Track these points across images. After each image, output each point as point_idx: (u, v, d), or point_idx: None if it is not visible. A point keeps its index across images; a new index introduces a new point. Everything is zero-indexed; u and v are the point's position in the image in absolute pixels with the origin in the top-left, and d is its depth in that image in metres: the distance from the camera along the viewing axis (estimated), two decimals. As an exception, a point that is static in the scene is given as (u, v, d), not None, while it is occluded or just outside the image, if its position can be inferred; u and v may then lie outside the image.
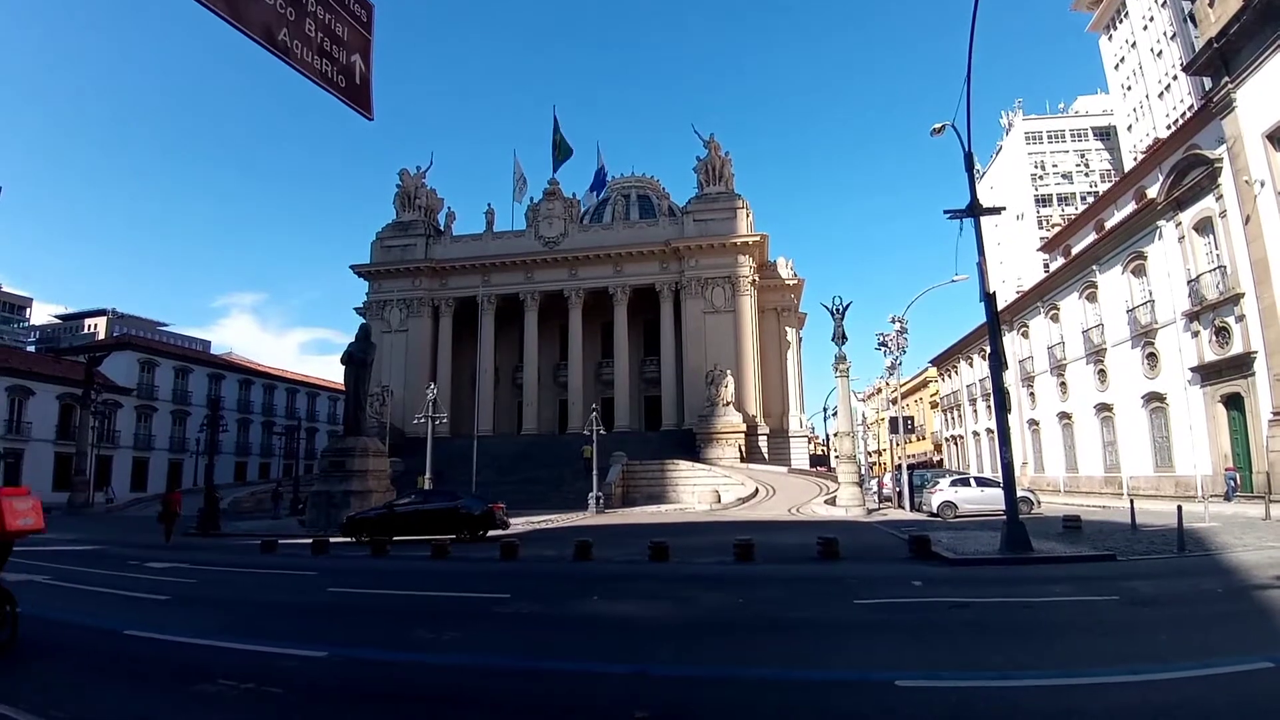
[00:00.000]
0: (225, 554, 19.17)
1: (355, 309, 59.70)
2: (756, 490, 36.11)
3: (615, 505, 35.96)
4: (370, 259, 56.62)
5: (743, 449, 45.85)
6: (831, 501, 30.48)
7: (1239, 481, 25.69)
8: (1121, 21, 78.47)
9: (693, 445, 46.13)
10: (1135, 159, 48.28)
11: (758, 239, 51.81)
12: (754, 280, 51.93)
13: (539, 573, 14.02)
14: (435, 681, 6.34)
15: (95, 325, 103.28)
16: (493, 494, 35.99)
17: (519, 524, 26.76)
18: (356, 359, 28.62)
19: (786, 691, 5.70)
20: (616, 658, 6.95)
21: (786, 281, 56.65)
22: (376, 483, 28.02)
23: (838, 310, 29.15)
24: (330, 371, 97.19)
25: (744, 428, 46.50)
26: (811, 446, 67.17)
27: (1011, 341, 44.22)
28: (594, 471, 33.51)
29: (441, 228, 58.07)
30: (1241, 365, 25.23)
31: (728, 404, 46.51)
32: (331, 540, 20.31)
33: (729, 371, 47.39)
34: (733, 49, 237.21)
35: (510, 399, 56.95)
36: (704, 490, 35.61)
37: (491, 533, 21.58)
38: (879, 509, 30.11)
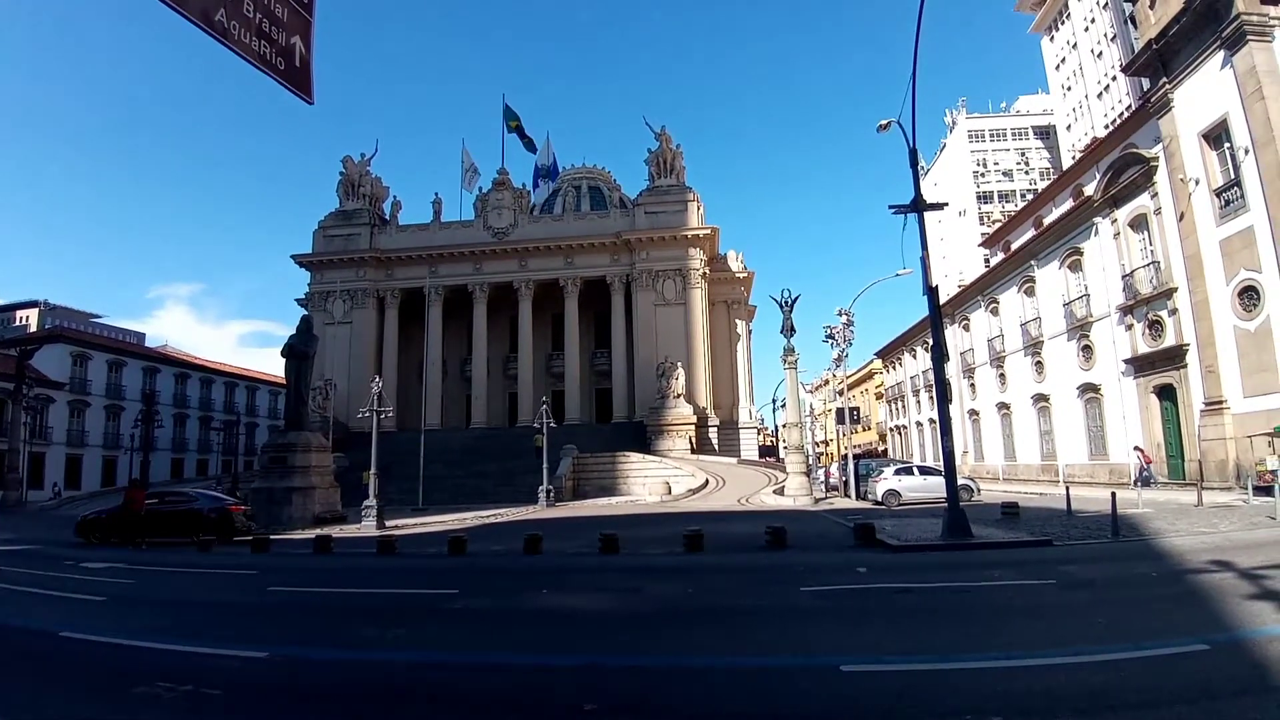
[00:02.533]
0: (163, 554, 18.49)
1: (297, 300, 58.18)
2: (707, 481, 36.40)
3: (566, 498, 35.85)
4: (312, 248, 55.05)
5: (693, 440, 46.16)
6: (780, 491, 30.89)
7: (1151, 468, 26.97)
8: (1063, 23, 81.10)
9: (644, 437, 46.24)
10: (1074, 158, 49.97)
11: (708, 232, 52.07)
12: (705, 273, 52.21)
13: (488, 567, 13.88)
14: (381, 679, 6.21)
15: (26, 318, 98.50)
16: (440, 488, 35.73)
17: (468, 518, 26.49)
18: (298, 351, 27.87)
19: (735, 679, 5.76)
20: (567, 650, 6.93)
21: (737, 274, 57.11)
22: (320, 478, 27.39)
23: (786, 303, 29.48)
24: (271, 365, 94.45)
25: (694, 419, 46.80)
26: (761, 437, 68.07)
27: (953, 334, 45.46)
28: (544, 464, 33.32)
29: (387, 217, 56.81)
30: (1174, 357, 26.36)
31: (678, 396, 46.74)
32: (274, 538, 19.78)
33: (680, 364, 47.59)
34: (684, 42, 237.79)
35: (459, 392, 56.20)
36: (655, 482, 35.73)
37: (239, 538, 19.93)
38: (826, 498, 30.63)
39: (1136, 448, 28.34)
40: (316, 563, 15.85)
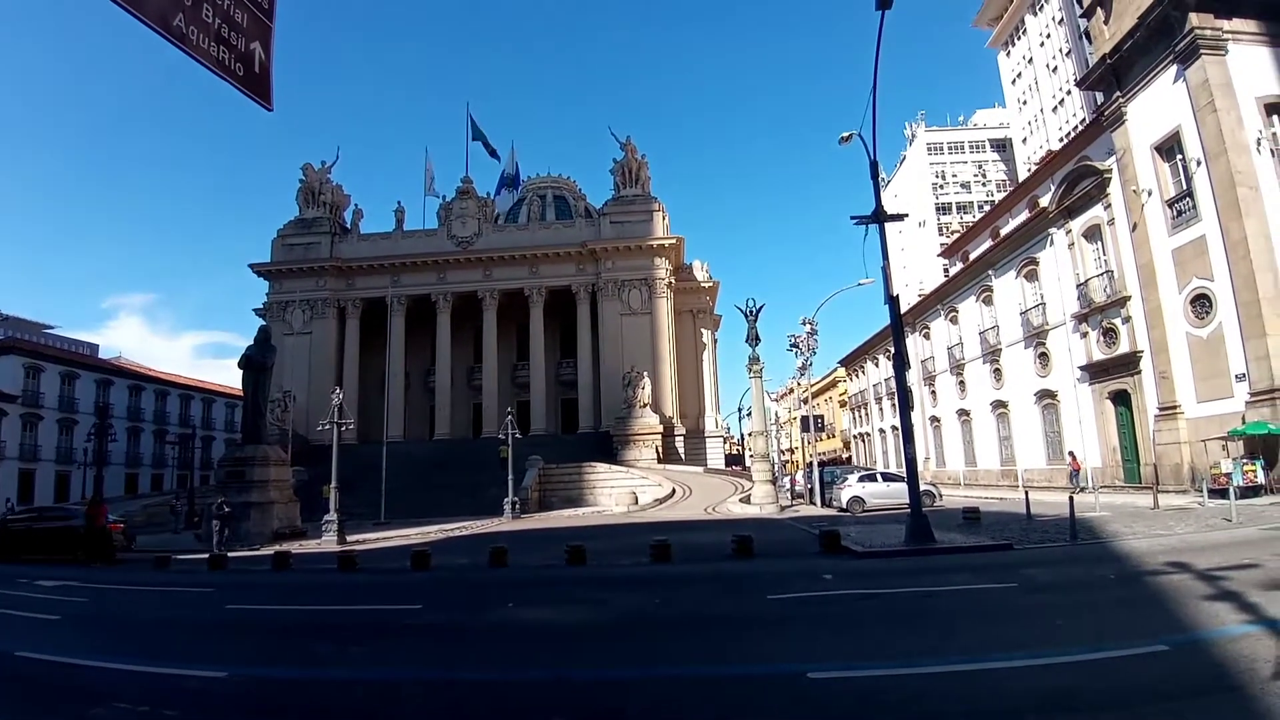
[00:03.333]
0: (117, 571, 18.13)
1: (255, 310, 56.86)
2: (673, 491, 36.42)
3: (532, 510, 35.57)
4: (271, 257, 53.97)
5: (660, 450, 46.17)
6: (746, 500, 31.04)
7: (1080, 474, 28.55)
8: (1019, 38, 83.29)
9: (610, 447, 46.13)
10: (1029, 170, 51.28)
11: (674, 241, 52.32)
12: (670, 282, 52.43)
13: (452, 581, 13.68)
14: (341, 699, 6.07)
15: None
16: (403, 501, 35.16)
17: (431, 531, 26.11)
18: (255, 363, 27.27)
19: (703, 688, 5.75)
20: (533, 664, 6.85)
21: (702, 284, 57.45)
22: (278, 493, 26.79)
23: (751, 312, 29.76)
24: (227, 376, 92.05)
25: (661, 429, 46.83)
26: (727, 446, 68.30)
27: (914, 343, 46.25)
28: (510, 476, 33.02)
29: (348, 225, 55.97)
30: (1128, 364, 27.12)
31: (645, 405, 46.75)
32: (231, 555, 19.29)
33: (646, 373, 47.63)
34: (650, 54, 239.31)
35: (422, 403, 55.50)
36: (621, 492, 35.64)
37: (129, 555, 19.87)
38: (792, 506, 30.87)
39: (1070, 452, 29.99)
40: (275, 579, 15.50)
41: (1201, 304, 23.46)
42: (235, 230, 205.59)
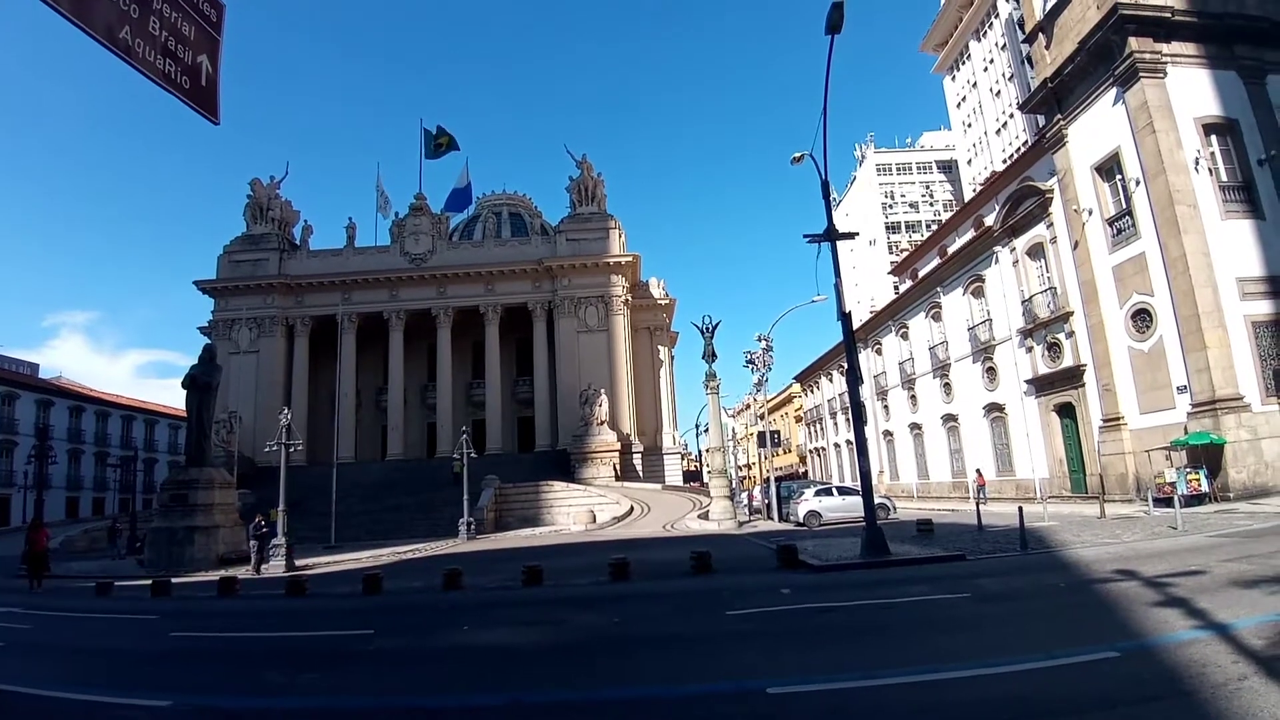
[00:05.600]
0: (59, 598, 17.55)
1: (200, 329, 55.25)
2: (632, 508, 36.25)
3: (488, 530, 35.00)
4: (217, 274, 52.52)
5: (617, 467, 46.01)
6: (705, 516, 31.05)
7: (985, 489, 31.33)
8: (964, 63, 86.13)
9: (567, 465, 45.80)
10: (974, 190, 52.88)
11: (630, 259, 52.50)
12: (627, 300, 52.53)
13: (405, 605, 13.33)
14: (288, 730, 5.84)
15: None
16: (355, 524, 34.29)
17: (384, 554, 25.50)
18: (200, 382, 26.44)
19: (662, 708, 5.69)
20: (488, 689, 6.70)
21: (659, 301, 57.69)
22: (224, 516, 25.94)
23: (707, 329, 29.94)
24: (171, 397, 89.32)
25: (618, 446, 46.70)
26: (685, 462, 68.35)
27: (867, 358, 47.12)
28: (465, 496, 32.48)
29: (297, 242, 54.85)
30: (1073, 377, 27.98)
31: (602, 423, 46.59)
32: (174, 580, 18.55)
33: (603, 390, 47.52)
34: (605, 73, 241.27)
35: (374, 423, 54.42)
36: (579, 511, 35.34)
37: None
38: (750, 521, 30.97)
39: (977, 470, 32.82)
40: (221, 606, 15.01)
41: (1142, 318, 24.32)
42: (180, 247, 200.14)
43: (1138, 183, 23.84)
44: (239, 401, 47.67)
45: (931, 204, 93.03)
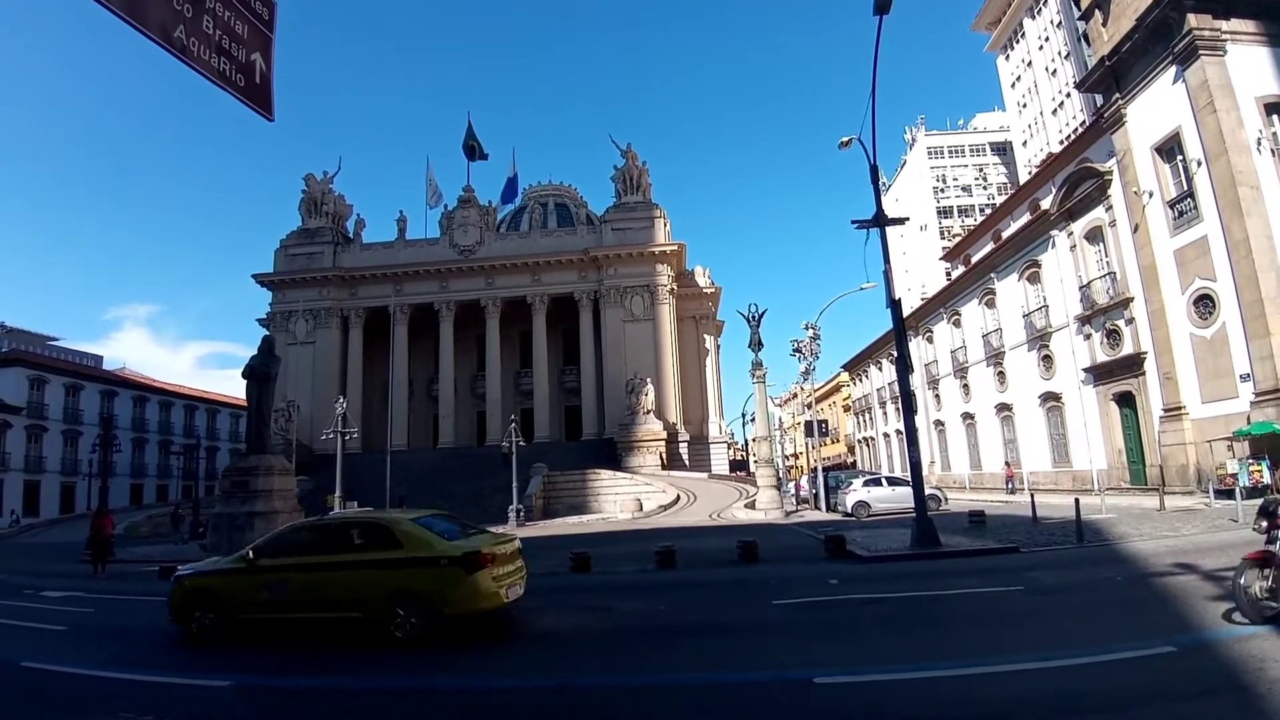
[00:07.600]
0: (122, 582, 18.14)
1: (258, 320, 57.16)
2: (678, 497, 36.35)
3: (536, 517, 35.51)
4: (274, 268, 54.25)
5: (664, 456, 46.13)
6: (751, 505, 30.96)
7: (1013, 480, 31.06)
8: (1018, 42, 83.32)
9: (614, 454, 46.10)
10: (1030, 173, 51.23)
11: (675, 248, 52.39)
12: (672, 289, 52.47)
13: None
14: (348, 707, 6.06)
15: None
16: (408, 510, 35.08)
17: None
18: (259, 373, 27.22)
19: (709, 695, 5.73)
20: (540, 672, 6.84)
21: (704, 290, 57.48)
22: (283, 503, 26.71)
23: (753, 318, 29.71)
24: (231, 387, 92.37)
25: (664, 435, 46.80)
26: (731, 452, 68.29)
27: (917, 346, 46.18)
28: (514, 483, 32.99)
29: (350, 235, 56.28)
30: (1132, 365, 27.02)
31: (648, 412, 46.73)
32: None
33: (649, 379, 47.63)
34: (651, 61, 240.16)
35: (425, 411, 55.55)
36: (626, 499, 35.59)
37: None
38: (797, 511, 30.77)
39: (1006, 463, 33.23)
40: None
41: (1204, 304, 23.37)
42: (237, 241, 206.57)
43: (1199, 164, 22.87)
44: (296, 391, 49.17)
45: (985, 187, 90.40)
